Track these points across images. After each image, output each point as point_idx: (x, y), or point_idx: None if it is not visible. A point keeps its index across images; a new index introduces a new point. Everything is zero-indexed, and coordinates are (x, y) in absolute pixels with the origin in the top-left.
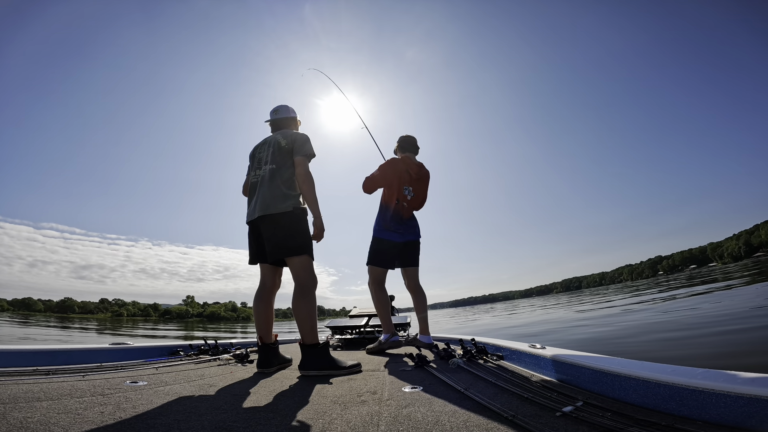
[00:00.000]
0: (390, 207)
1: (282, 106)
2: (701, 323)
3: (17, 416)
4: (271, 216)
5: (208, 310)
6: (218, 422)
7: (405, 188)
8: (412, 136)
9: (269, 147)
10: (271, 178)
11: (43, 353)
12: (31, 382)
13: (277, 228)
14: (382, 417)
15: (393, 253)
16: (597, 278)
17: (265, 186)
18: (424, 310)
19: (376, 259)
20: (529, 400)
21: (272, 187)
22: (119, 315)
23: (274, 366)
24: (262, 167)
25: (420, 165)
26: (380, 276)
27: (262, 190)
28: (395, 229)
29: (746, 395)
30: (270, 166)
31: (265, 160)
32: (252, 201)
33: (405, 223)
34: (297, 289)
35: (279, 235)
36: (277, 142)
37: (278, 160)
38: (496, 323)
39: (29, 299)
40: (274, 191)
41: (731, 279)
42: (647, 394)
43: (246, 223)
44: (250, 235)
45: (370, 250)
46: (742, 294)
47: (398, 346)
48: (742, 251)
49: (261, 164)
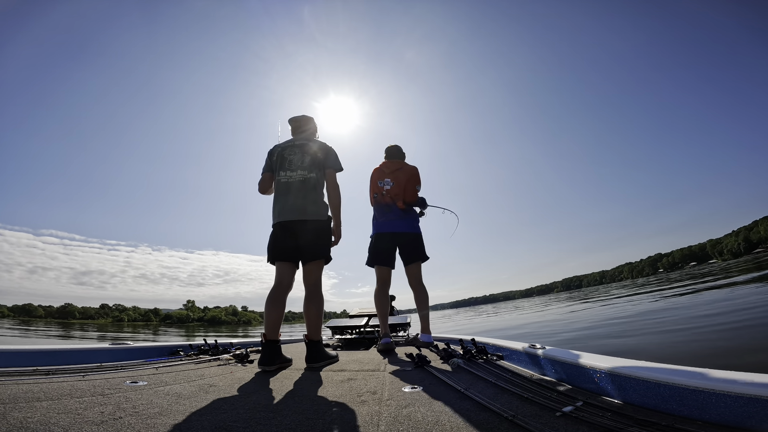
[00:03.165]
0: (373, 204)
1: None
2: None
3: (17, 416)
4: (314, 222)
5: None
6: (218, 422)
7: (380, 182)
8: (396, 144)
9: (304, 154)
10: (310, 187)
11: (43, 353)
12: (31, 382)
13: (315, 233)
14: (382, 417)
15: (385, 248)
16: (597, 277)
17: (303, 191)
18: (425, 308)
19: (370, 259)
20: (529, 400)
21: (313, 195)
22: (120, 320)
23: (276, 364)
24: (295, 170)
25: (399, 162)
26: (382, 277)
27: (300, 194)
28: (378, 218)
29: (746, 395)
30: (308, 174)
31: (299, 165)
32: (282, 201)
33: (391, 210)
34: (313, 290)
35: (316, 240)
36: (315, 153)
37: (316, 170)
38: (511, 323)
39: (30, 305)
40: (316, 199)
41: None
42: (647, 394)
43: (276, 223)
44: (279, 234)
45: (368, 252)
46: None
47: (390, 347)
48: (741, 248)
49: (293, 167)
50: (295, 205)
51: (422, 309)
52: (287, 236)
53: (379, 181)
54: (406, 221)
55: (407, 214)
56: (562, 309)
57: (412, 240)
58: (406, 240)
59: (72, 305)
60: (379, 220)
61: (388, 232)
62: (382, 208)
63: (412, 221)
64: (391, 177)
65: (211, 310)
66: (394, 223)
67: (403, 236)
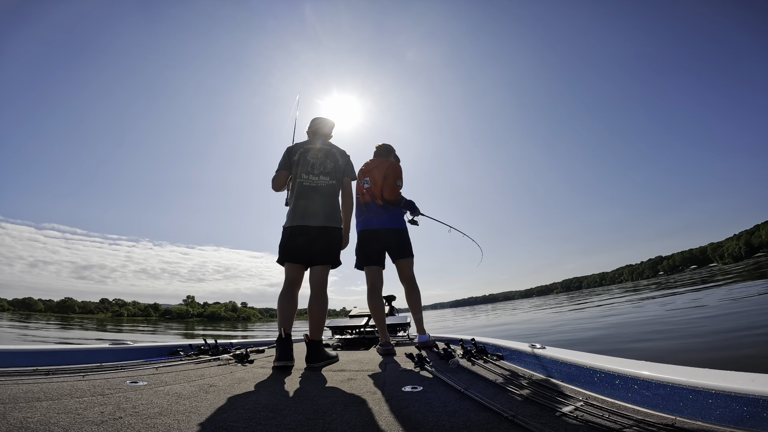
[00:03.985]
0: (356, 204)
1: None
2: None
3: (17, 416)
4: (334, 228)
5: (209, 310)
6: (218, 422)
7: (362, 181)
8: (385, 143)
9: (329, 158)
10: (332, 193)
11: (43, 353)
12: (31, 382)
13: (332, 239)
14: (382, 417)
15: (369, 247)
16: (597, 278)
17: (326, 199)
18: (418, 311)
19: (358, 261)
20: (529, 400)
21: (334, 203)
22: (120, 315)
23: (293, 360)
24: (318, 175)
25: (378, 160)
26: (371, 278)
27: (323, 201)
28: (358, 217)
29: (746, 395)
30: (330, 180)
31: (322, 170)
32: (305, 205)
33: (370, 208)
34: (319, 289)
35: (331, 245)
36: (337, 160)
37: (338, 177)
38: (511, 323)
39: (30, 299)
40: (335, 207)
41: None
42: (647, 394)
43: (297, 225)
44: (297, 236)
45: (355, 255)
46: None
47: (390, 353)
48: (742, 251)
49: (316, 170)
50: (319, 211)
51: (416, 312)
52: (305, 239)
53: (361, 180)
54: (387, 217)
55: (387, 210)
56: (551, 310)
57: (395, 236)
58: (389, 236)
59: (72, 299)
60: (359, 219)
61: (369, 230)
62: (360, 207)
63: (393, 217)
64: (369, 175)
65: (210, 305)
66: (373, 221)
67: (386, 232)
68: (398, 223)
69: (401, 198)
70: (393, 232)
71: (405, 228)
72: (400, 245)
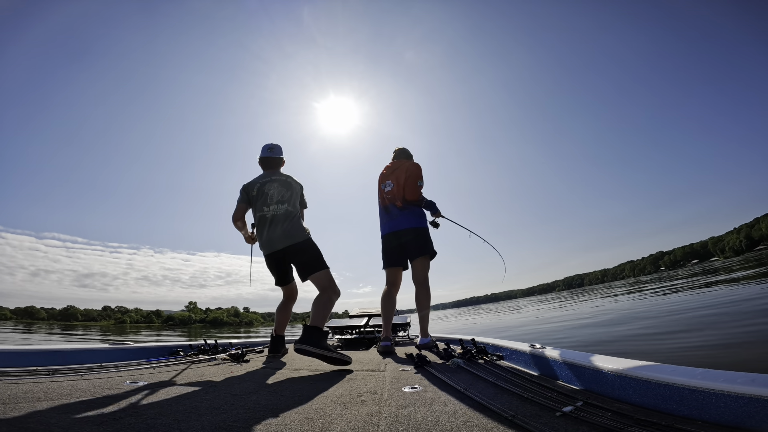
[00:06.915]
0: (379, 208)
1: (276, 145)
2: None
3: (17, 416)
4: (300, 243)
5: (211, 316)
6: (218, 422)
7: (383, 185)
8: (403, 147)
9: (285, 189)
10: (292, 217)
11: (43, 353)
12: (31, 382)
13: (304, 252)
14: (382, 417)
15: (391, 248)
16: (599, 275)
17: (287, 222)
18: (424, 308)
19: (384, 261)
20: (529, 400)
21: (294, 223)
22: (122, 322)
23: (281, 352)
24: (276, 205)
25: (398, 162)
26: (390, 278)
27: (283, 225)
28: (382, 221)
29: (746, 395)
30: (288, 207)
31: (279, 199)
32: (266, 234)
33: (390, 212)
34: (322, 292)
35: (307, 257)
36: (294, 189)
37: (294, 203)
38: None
39: (32, 307)
40: (296, 225)
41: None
42: (647, 394)
43: (266, 254)
44: (271, 264)
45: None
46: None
47: (389, 350)
48: (743, 245)
49: (272, 201)
50: (279, 235)
51: (421, 309)
52: (277, 263)
53: (382, 184)
54: (407, 218)
55: (407, 211)
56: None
57: (414, 235)
58: (409, 236)
59: (74, 307)
60: (381, 223)
61: (391, 233)
62: (381, 211)
63: (413, 217)
64: (391, 178)
65: (213, 311)
66: (393, 223)
67: (406, 233)
68: (417, 222)
69: (422, 198)
70: (412, 231)
71: (424, 226)
72: (416, 243)
